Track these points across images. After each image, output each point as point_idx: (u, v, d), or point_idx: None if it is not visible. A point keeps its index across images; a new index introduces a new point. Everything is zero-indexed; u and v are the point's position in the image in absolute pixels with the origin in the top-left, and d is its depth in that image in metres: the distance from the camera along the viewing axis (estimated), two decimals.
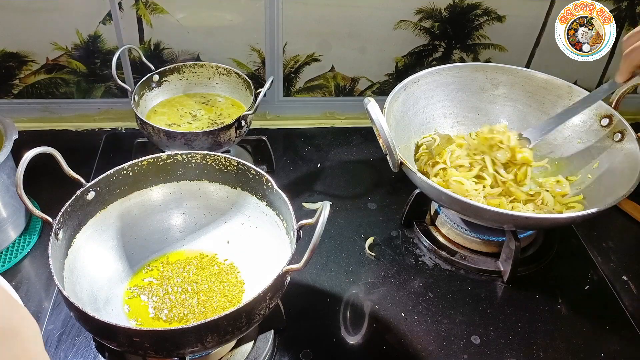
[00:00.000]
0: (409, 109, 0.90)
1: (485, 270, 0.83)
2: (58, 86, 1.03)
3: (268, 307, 0.58)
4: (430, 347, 0.72)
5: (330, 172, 1.00)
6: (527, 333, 0.74)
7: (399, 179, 0.94)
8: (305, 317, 0.75)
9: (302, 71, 1.06)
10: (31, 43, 0.97)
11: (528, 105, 0.94)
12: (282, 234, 0.68)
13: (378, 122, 0.72)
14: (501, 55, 1.06)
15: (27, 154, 0.57)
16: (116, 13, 0.95)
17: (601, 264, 0.86)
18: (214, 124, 0.93)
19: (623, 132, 0.82)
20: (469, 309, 0.77)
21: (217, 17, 0.98)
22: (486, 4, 1.00)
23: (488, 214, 0.71)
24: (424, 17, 1.01)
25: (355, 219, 0.90)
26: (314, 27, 1.00)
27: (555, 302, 0.79)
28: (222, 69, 0.99)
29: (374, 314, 0.76)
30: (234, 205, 0.74)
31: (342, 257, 0.84)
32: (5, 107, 1.03)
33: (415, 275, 0.82)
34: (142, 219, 0.73)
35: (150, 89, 0.96)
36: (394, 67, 1.07)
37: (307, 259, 0.54)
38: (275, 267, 0.57)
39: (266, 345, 0.69)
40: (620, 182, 0.78)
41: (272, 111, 1.11)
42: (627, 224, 0.93)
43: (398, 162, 0.74)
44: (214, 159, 0.72)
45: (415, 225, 0.89)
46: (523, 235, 0.83)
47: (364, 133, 1.09)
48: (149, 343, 0.53)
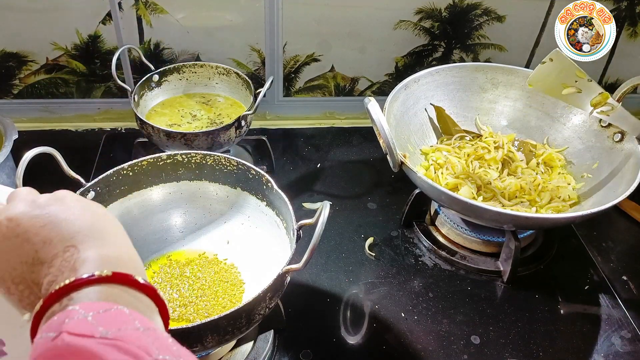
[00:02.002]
0: (409, 108, 0.90)
1: (485, 270, 0.83)
2: (58, 86, 1.03)
3: (268, 307, 0.58)
4: (430, 347, 0.72)
5: (330, 172, 1.00)
6: (527, 333, 0.74)
7: (399, 179, 0.94)
8: (305, 317, 0.75)
9: (302, 71, 1.06)
10: (31, 43, 0.97)
11: (528, 105, 0.94)
12: (282, 234, 0.68)
13: (378, 122, 0.72)
14: (501, 55, 1.06)
15: (27, 154, 0.57)
16: (116, 13, 0.95)
17: (601, 264, 0.86)
18: (213, 124, 0.93)
19: (623, 132, 0.82)
20: (469, 309, 0.77)
21: (217, 17, 0.98)
22: (486, 4, 1.00)
23: (488, 214, 0.71)
24: (424, 17, 1.01)
25: (355, 219, 0.90)
26: (314, 27, 1.00)
27: (555, 302, 0.79)
28: (222, 69, 0.99)
29: (374, 314, 0.76)
30: (234, 205, 0.74)
31: (342, 257, 0.84)
32: (5, 107, 1.03)
33: (415, 275, 0.82)
34: (142, 219, 0.73)
35: (150, 89, 0.96)
36: (394, 67, 1.07)
37: (307, 259, 0.54)
38: (275, 267, 0.57)
39: (266, 345, 0.69)
40: (620, 182, 0.78)
41: (272, 111, 1.11)
42: (627, 224, 0.93)
43: (398, 162, 0.74)
44: (214, 159, 0.72)
45: (415, 225, 0.89)
46: (523, 235, 0.83)
47: (364, 133, 1.09)
48: None
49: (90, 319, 0.29)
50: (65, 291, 0.33)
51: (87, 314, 0.30)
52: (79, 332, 0.28)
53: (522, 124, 0.95)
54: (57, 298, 0.33)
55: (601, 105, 0.76)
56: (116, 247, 0.37)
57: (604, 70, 1.10)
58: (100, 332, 0.28)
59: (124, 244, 0.39)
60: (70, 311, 0.30)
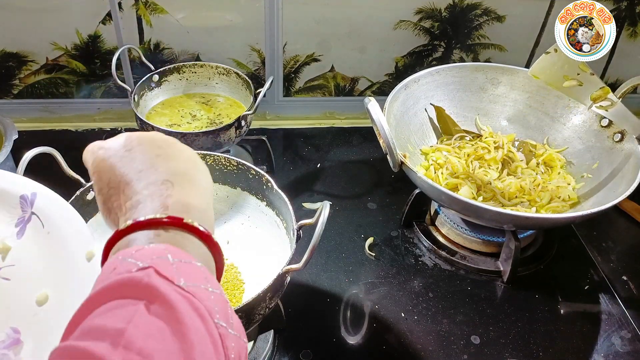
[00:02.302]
0: (409, 109, 0.90)
1: (485, 270, 0.83)
2: (58, 86, 1.03)
3: (268, 307, 0.58)
4: (430, 347, 0.72)
5: (330, 172, 1.00)
6: (527, 333, 0.74)
7: (399, 179, 0.94)
8: (305, 317, 0.75)
9: (302, 71, 1.06)
10: (31, 43, 0.97)
11: (528, 105, 0.94)
12: (282, 234, 0.68)
13: (379, 122, 0.72)
14: (501, 55, 1.06)
15: (27, 154, 0.57)
16: (116, 13, 0.95)
17: (601, 264, 0.86)
18: (213, 124, 0.93)
19: (623, 132, 0.82)
20: (469, 309, 0.77)
21: (217, 17, 0.98)
22: (486, 4, 1.00)
23: (488, 214, 0.71)
24: (423, 17, 1.01)
25: (355, 219, 0.90)
26: (314, 27, 1.00)
27: (555, 302, 0.79)
28: (222, 69, 0.99)
29: (374, 314, 0.76)
30: (234, 205, 0.74)
31: (342, 257, 0.84)
32: (5, 107, 1.03)
33: (415, 275, 0.82)
34: None
35: (150, 89, 0.96)
36: (393, 67, 1.07)
37: (307, 259, 0.54)
38: (275, 267, 0.57)
39: (266, 345, 0.69)
40: (620, 182, 0.78)
41: (272, 111, 1.11)
42: (627, 224, 0.93)
43: (398, 162, 0.74)
44: (214, 159, 0.72)
45: (415, 225, 0.89)
46: (523, 235, 0.83)
47: (364, 133, 1.09)
48: None
49: (174, 266, 0.32)
50: (155, 224, 0.35)
51: (174, 259, 0.32)
52: (165, 275, 0.31)
53: (522, 124, 0.95)
54: (145, 226, 0.35)
55: (601, 100, 0.76)
56: (203, 199, 0.40)
57: (604, 70, 1.10)
58: (180, 282, 0.31)
59: (209, 201, 0.42)
60: (159, 249, 0.33)
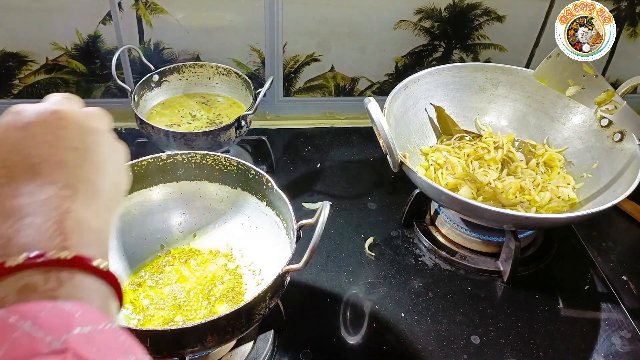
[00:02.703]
0: (409, 108, 0.90)
1: (485, 270, 0.83)
2: (58, 86, 1.03)
3: (268, 307, 0.58)
4: (430, 347, 0.72)
5: (330, 172, 1.00)
6: (527, 333, 0.74)
7: (399, 179, 0.94)
8: (305, 317, 0.75)
9: (301, 71, 1.06)
10: (31, 43, 0.97)
11: (528, 105, 0.94)
12: (282, 234, 0.68)
13: (378, 122, 0.72)
14: (501, 55, 1.06)
15: None
16: (116, 13, 0.95)
17: (601, 264, 0.86)
18: (213, 124, 0.93)
19: (623, 132, 0.81)
20: (469, 309, 0.77)
21: (217, 17, 0.98)
22: (486, 4, 1.00)
23: (488, 214, 0.71)
24: (423, 17, 1.01)
25: (355, 219, 0.90)
26: (314, 27, 1.00)
27: (555, 302, 0.79)
28: (222, 69, 0.99)
29: (374, 314, 0.76)
30: (234, 205, 0.74)
31: (342, 257, 0.84)
32: (5, 107, 1.03)
33: (415, 275, 0.82)
34: (142, 219, 0.73)
35: (150, 89, 0.96)
36: (393, 67, 1.07)
37: (307, 259, 0.54)
38: (275, 267, 0.57)
39: (266, 345, 0.69)
40: (620, 182, 0.78)
41: (272, 111, 1.11)
42: (627, 224, 0.93)
43: (398, 162, 0.74)
44: (214, 159, 0.72)
45: (415, 225, 0.89)
46: (523, 235, 0.83)
47: (364, 133, 1.09)
48: (148, 343, 0.53)
49: (91, 341, 0.26)
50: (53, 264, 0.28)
51: (84, 328, 0.26)
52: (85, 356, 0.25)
53: (522, 124, 0.95)
54: (41, 266, 0.28)
55: (606, 104, 0.76)
56: (106, 214, 0.34)
57: (604, 70, 1.10)
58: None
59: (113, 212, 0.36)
60: (68, 311, 0.27)
